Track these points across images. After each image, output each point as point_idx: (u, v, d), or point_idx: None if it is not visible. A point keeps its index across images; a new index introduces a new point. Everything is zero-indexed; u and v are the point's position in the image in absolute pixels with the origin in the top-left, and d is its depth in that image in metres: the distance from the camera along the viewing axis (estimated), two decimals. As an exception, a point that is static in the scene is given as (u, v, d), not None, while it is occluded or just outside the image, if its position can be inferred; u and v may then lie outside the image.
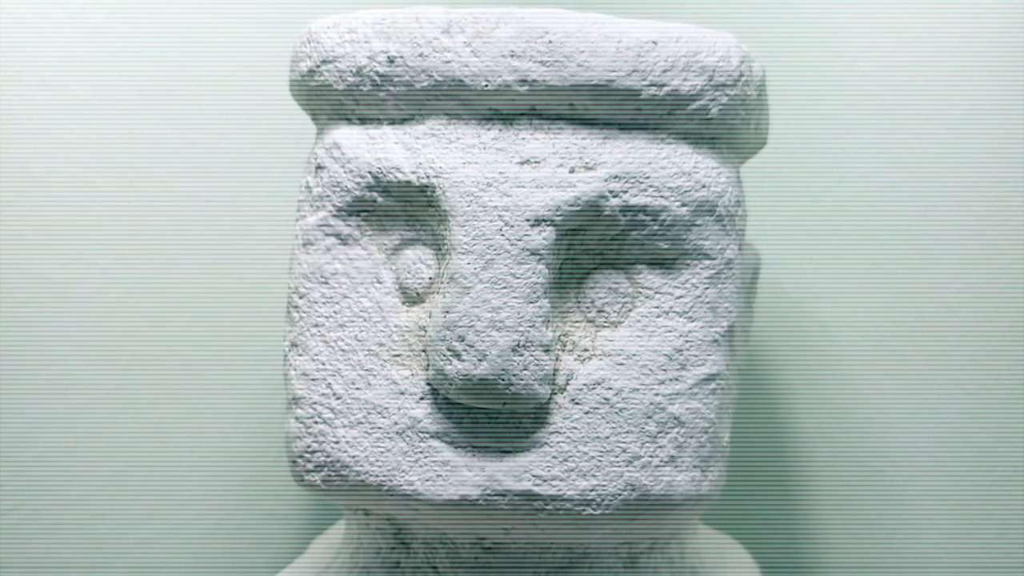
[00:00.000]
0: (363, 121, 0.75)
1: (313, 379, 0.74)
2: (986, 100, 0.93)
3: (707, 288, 0.73)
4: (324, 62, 0.75)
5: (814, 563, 1.03)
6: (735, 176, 0.76)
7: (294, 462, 0.75)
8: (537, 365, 0.69)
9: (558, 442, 0.70)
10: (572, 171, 0.71)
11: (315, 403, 0.74)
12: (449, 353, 0.69)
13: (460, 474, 0.70)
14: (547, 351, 0.70)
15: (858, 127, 0.98)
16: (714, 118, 0.73)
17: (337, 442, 0.73)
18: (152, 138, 0.97)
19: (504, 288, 0.69)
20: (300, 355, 0.75)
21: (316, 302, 0.75)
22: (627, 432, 0.71)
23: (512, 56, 0.71)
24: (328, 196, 0.75)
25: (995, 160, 0.93)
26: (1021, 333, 0.93)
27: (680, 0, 1.03)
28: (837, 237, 1.00)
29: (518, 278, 0.69)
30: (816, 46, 1.01)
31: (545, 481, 0.70)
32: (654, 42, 0.71)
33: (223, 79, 1.00)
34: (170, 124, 0.98)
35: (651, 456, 0.71)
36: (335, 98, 0.76)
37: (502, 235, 0.69)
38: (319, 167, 0.76)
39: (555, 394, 0.71)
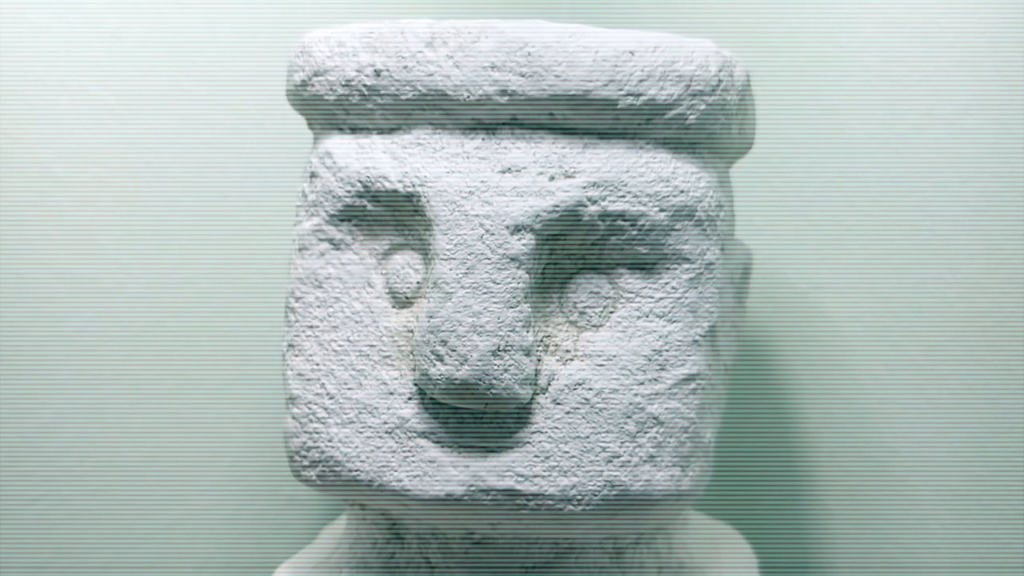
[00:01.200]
0: (354, 131, 0.77)
1: (308, 379, 0.76)
2: (983, 95, 0.93)
3: (687, 290, 0.74)
4: (316, 74, 0.77)
5: (816, 553, 1.03)
6: (717, 180, 0.77)
7: (291, 458, 0.77)
8: (517, 368, 0.71)
9: (540, 441, 0.72)
10: (552, 179, 0.72)
11: (310, 402, 0.76)
12: (433, 356, 0.71)
13: (446, 472, 0.72)
14: (527, 354, 0.71)
15: (859, 121, 0.99)
16: (692, 125, 0.73)
17: (331, 440, 0.75)
18: (168, 139, 0.99)
19: (485, 294, 0.71)
20: (296, 356, 0.77)
21: (311, 305, 0.77)
22: (607, 431, 0.72)
23: (492, 68, 0.72)
24: (321, 203, 0.77)
25: (992, 154, 0.93)
26: (1020, 325, 0.93)
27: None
28: (839, 230, 1.00)
29: (498, 284, 0.71)
30: (818, 42, 1.01)
31: (527, 479, 0.72)
32: (631, 52, 0.72)
33: (238, 81, 1.01)
34: (186, 126, 1.00)
35: (630, 455, 0.73)
36: (327, 108, 0.77)
37: (483, 242, 0.71)
38: (313, 175, 0.78)
39: (537, 395, 0.73)
